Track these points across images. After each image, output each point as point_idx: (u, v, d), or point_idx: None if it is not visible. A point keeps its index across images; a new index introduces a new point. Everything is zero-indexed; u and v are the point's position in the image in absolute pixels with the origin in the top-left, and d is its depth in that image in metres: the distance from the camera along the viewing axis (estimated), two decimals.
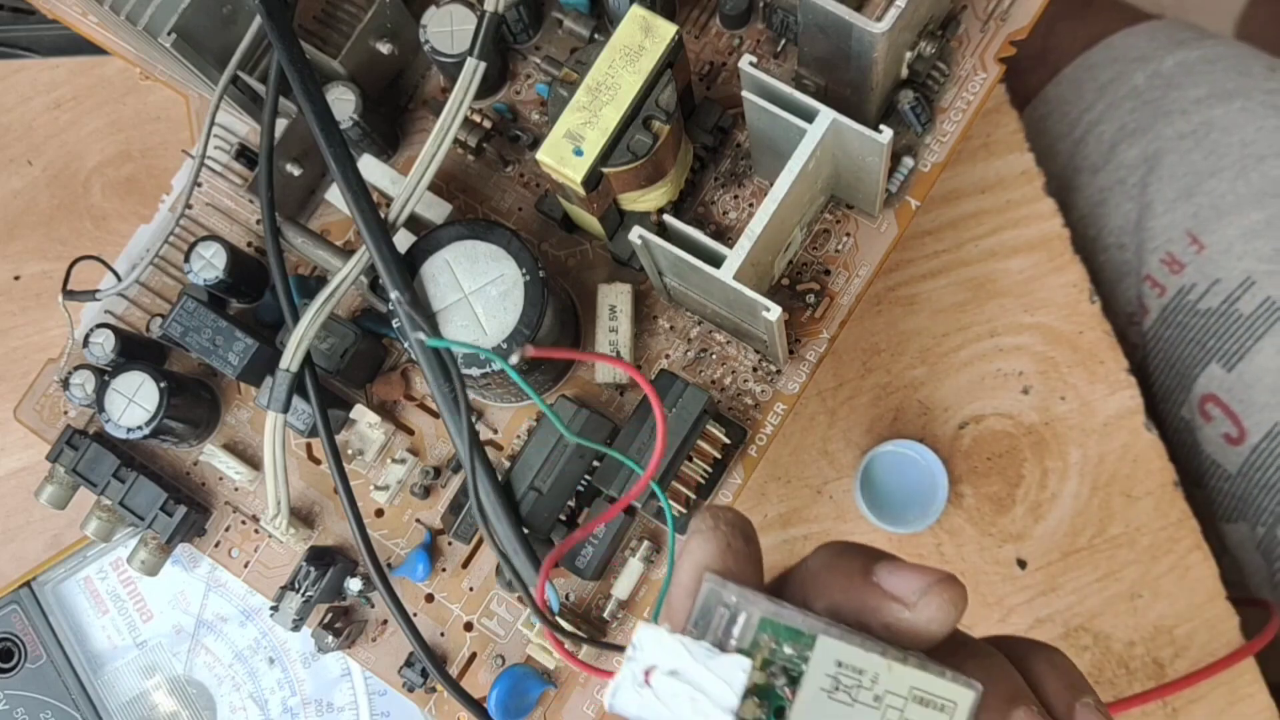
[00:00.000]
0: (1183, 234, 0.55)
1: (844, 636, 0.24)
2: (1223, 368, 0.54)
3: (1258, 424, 0.53)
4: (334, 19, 0.38)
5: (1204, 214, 0.55)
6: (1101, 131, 0.59)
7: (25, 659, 0.43)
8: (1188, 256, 0.55)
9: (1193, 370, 0.55)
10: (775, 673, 0.23)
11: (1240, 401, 0.54)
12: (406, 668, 0.39)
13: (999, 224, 0.51)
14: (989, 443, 0.50)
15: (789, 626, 0.24)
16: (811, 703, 0.23)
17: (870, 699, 0.24)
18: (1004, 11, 0.39)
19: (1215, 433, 0.55)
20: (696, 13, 0.40)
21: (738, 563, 0.25)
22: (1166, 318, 0.56)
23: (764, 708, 0.23)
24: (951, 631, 0.25)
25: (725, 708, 0.23)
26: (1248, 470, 0.54)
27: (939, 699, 0.24)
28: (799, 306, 0.38)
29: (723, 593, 0.24)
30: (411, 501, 0.40)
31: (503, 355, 0.34)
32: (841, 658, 0.24)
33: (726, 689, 0.23)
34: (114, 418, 0.38)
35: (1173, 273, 0.55)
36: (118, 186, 0.52)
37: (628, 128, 0.34)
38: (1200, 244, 0.55)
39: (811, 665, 0.23)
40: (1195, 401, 0.55)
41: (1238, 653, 0.48)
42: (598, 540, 0.37)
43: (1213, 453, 0.55)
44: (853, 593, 0.25)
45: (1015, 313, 0.50)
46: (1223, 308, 0.54)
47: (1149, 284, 0.56)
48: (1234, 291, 0.54)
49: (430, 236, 0.35)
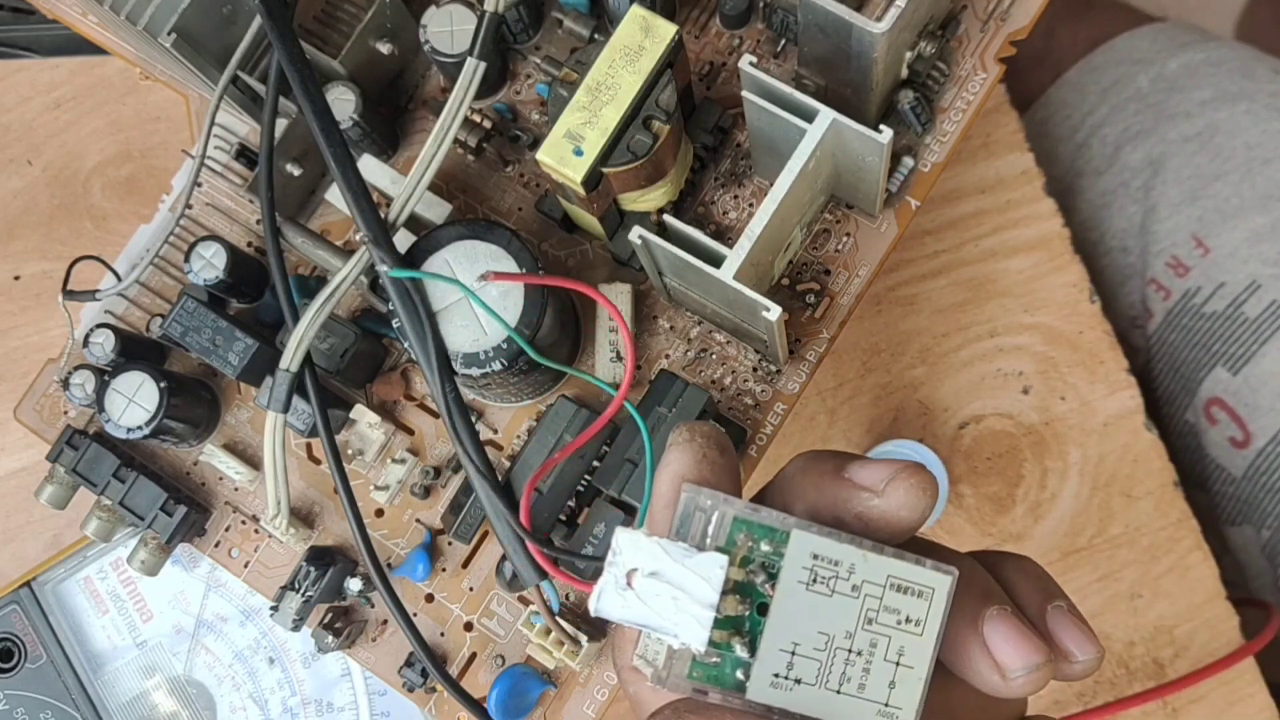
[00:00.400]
0: (1188, 237, 0.55)
1: (818, 530, 0.24)
2: (1228, 371, 0.54)
3: (1263, 428, 0.53)
4: (334, 19, 0.38)
5: (1209, 217, 0.55)
6: (1105, 134, 0.59)
7: (25, 659, 0.43)
8: (1193, 260, 0.55)
9: (1198, 374, 0.55)
10: (754, 570, 0.24)
11: (1246, 405, 0.54)
12: (406, 668, 0.39)
13: (999, 224, 0.51)
14: (989, 443, 0.50)
15: (763, 524, 0.24)
16: (791, 595, 0.24)
17: (848, 589, 0.25)
18: (1004, 11, 0.39)
19: (1220, 436, 0.55)
20: (696, 13, 0.40)
21: (714, 473, 0.26)
22: (1171, 321, 0.56)
23: (746, 604, 0.24)
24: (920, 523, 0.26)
25: (706, 604, 0.23)
26: (1253, 474, 0.54)
27: (916, 585, 0.25)
28: (799, 306, 0.38)
29: (699, 498, 0.24)
30: (411, 501, 0.40)
31: (474, 289, 0.34)
32: (817, 550, 0.24)
33: (706, 586, 0.23)
34: (114, 418, 0.38)
35: (1178, 276, 0.55)
36: (118, 186, 0.52)
37: (628, 128, 0.34)
38: (1205, 247, 0.55)
39: (788, 560, 0.24)
40: (1200, 405, 0.55)
41: (1238, 653, 0.48)
42: (598, 540, 0.37)
43: (1218, 456, 0.55)
44: (825, 490, 0.26)
45: (1015, 313, 0.50)
46: (1228, 311, 0.54)
47: (1153, 287, 0.56)
48: (1240, 295, 0.54)
49: (430, 236, 0.35)
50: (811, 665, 0.24)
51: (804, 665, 0.24)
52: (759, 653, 0.24)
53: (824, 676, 0.24)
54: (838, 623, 0.24)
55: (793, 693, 0.24)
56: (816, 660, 0.24)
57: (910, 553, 0.25)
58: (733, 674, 0.24)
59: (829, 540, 0.24)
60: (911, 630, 0.25)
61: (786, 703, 0.24)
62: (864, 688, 0.25)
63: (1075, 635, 0.27)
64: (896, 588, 0.25)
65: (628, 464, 0.36)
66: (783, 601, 0.24)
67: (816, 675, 0.24)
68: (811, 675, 0.24)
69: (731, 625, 0.24)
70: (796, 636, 0.24)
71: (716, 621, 0.23)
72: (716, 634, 0.23)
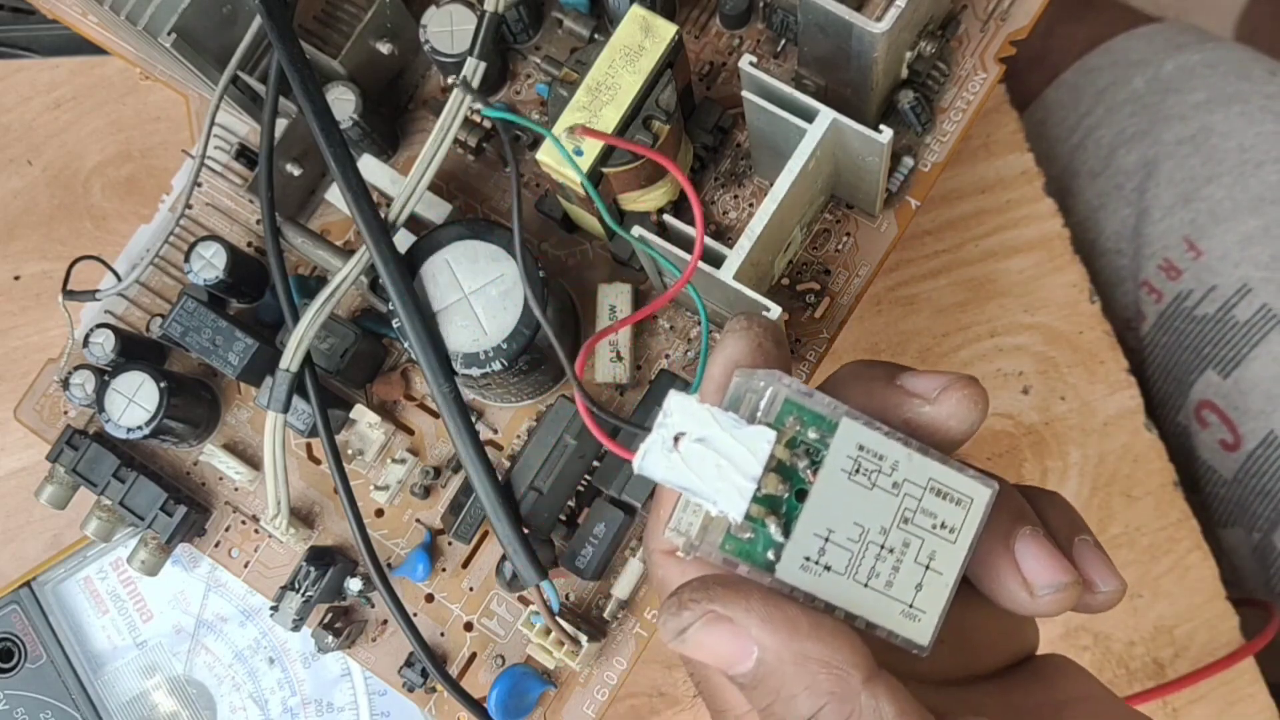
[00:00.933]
0: (1180, 240, 0.55)
1: (867, 422, 0.24)
2: (1219, 374, 0.54)
3: (1253, 431, 0.53)
4: (334, 19, 0.38)
5: (1201, 220, 0.55)
6: (1100, 136, 0.59)
7: (25, 659, 0.43)
8: (1185, 263, 0.55)
9: (1189, 376, 0.55)
10: (799, 454, 0.24)
11: (1236, 408, 0.54)
12: (406, 668, 0.39)
13: (999, 224, 0.51)
14: (989, 442, 0.50)
15: (814, 410, 0.24)
16: (831, 482, 0.24)
17: (889, 485, 0.24)
18: (1004, 11, 0.39)
19: (1211, 439, 0.55)
20: (696, 13, 0.40)
21: (767, 362, 0.26)
22: (1163, 324, 0.56)
23: (786, 486, 0.24)
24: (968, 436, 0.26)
25: (749, 476, 0.23)
26: (1243, 476, 0.54)
27: (956, 493, 0.25)
28: (799, 306, 0.38)
29: (752, 380, 0.24)
30: (411, 501, 0.40)
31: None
32: (863, 441, 0.24)
33: (751, 458, 0.23)
34: (114, 418, 0.38)
35: (1170, 279, 0.56)
36: (118, 186, 0.52)
37: (628, 128, 0.34)
38: (1198, 250, 0.55)
39: (833, 447, 0.24)
40: (1191, 408, 0.55)
41: (1238, 653, 0.48)
42: (598, 540, 0.37)
43: (1209, 458, 0.55)
44: (876, 394, 0.26)
45: (1015, 313, 0.50)
46: (1219, 314, 0.54)
47: (1146, 290, 0.56)
48: (1231, 298, 0.54)
49: (430, 236, 0.35)
50: (842, 555, 0.24)
51: (835, 554, 0.24)
52: (793, 535, 0.24)
53: (853, 568, 0.24)
54: (874, 517, 0.24)
55: (820, 579, 0.24)
56: (848, 551, 0.24)
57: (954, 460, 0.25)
58: (764, 553, 0.24)
59: (877, 434, 0.24)
60: (945, 536, 0.25)
61: (813, 588, 0.24)
62: (891, 585, 0.25)
63: (1100, 567, 0.27)
64: (937, 492, 0.25)
65: (629, 464, 0.36)
66: (823, 488, 0.24)
67: (846, 566, 0.24)
68: (841, 565, 0.24)
69: (769, 504, 0.24)
70: (831, 524, 0.24)
71: (756, 497, 0.23)
72: (754, 508, 0.23)
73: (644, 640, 0.38)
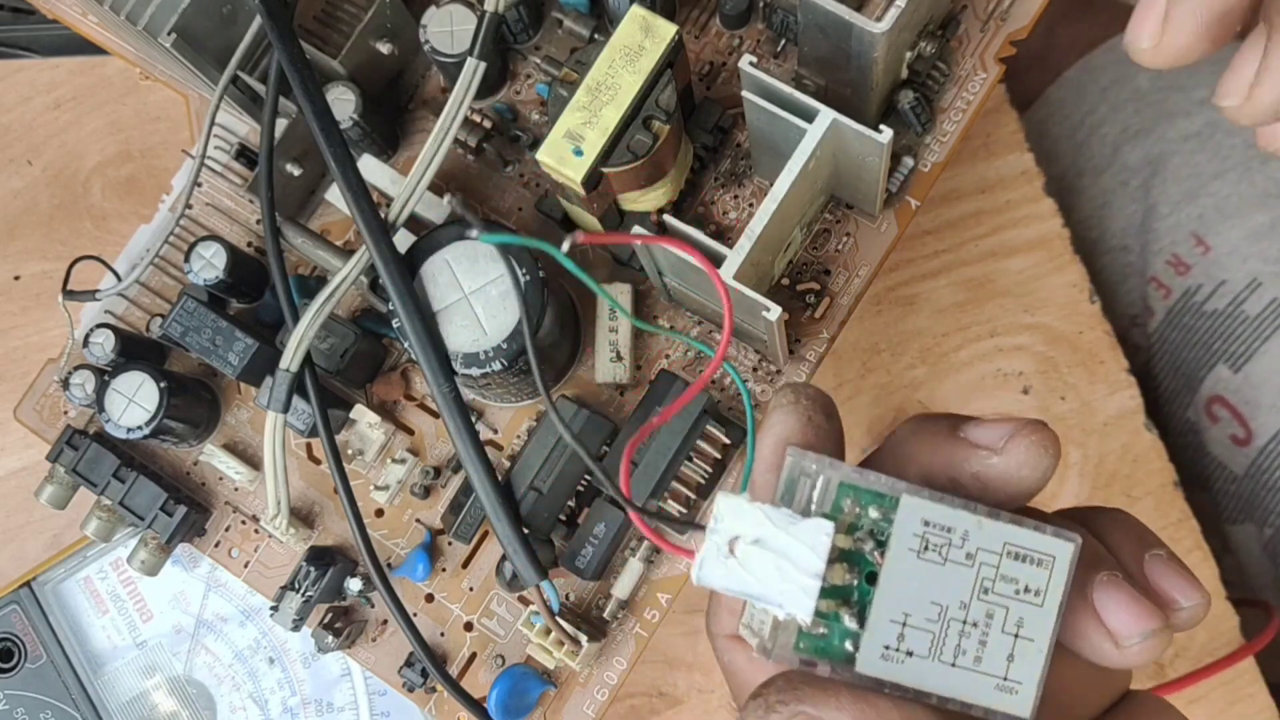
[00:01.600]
0: (1188, 235, 0.55)
1: (929, 495, 0.23)
2: (1230, 369, 0.54)
3: (1265, 425, 0.53)
4: (334, 19, 0.38)
5: (1209, 215, 0.55)
6: (1104, 133, 0.59)
7: (25, 659, 0.43)
8: (1193, 258, 0.55)
9: (1199, 372, 0.55)
10: (862, 538, 0.23)
11: (1247, 403, 0.54)
12: (406, 668, 0.39)
13: (999, 224, 0.51)
14: None
15: (871, 490, 0.23)
16: (901, 563, 0.23)
17: (962, 557, 0.23)
18: (1004, 11, 0.39)
19: (1222, 434, 0.54)
20: (696, 13, 0.40)
21: (819, 438, 0.25)
22: (1172, 319, 0.56)
23: (854, 573, 0.23)
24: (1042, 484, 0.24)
25: (812, 573, 0.22)
26: (1255, 472, 0.54)
27: (1036, 553, 0.24)
28: (799, 306, 0.38)
29: (803, 461, 0.23)
30: (411, 501, 0.40)
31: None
32: (928, 516, 0.23)
33: (811, 554, 0.22)
34: (114, 418, 0.38)
35: (1178, 274, 0.55)
36: (118, 186, 0.52)
37: (628, 128, 0.34)
38: (1206, 245, 0.55)
39: (897, 526, 0.23)
40: (1201, 403, 0.55)
41: (1238, 653, 0.48)
42: (598, 540, 0.37)
43: (1219, 454, 0.55)
44: (940, 451, 0.25)
45: (1015, 313, 0.50)
46: (1229, 309, 0.54)
47: (1154, 285, 0.56)
48: (1240, 293, 0.54)
49: (430, 236, 0.35)
50: (924, 637, 0.23)
51: (916, 637, 0.23)
52: (868, 624, 0.23)
53: (937, 649, 0.23)
54: (951, 593, 0.23)
55: (904, 665, 0.23)
56: (929, 632, 0.23)
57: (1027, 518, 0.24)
58: (841, 645, 0.23)
59: (941, 506, 0.23)
60: (1031, 600, 0.24)
61: (898, 676, 0.23)
62: (980, 661, 0.23)
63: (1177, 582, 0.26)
64: (1014, 555, 0.24)
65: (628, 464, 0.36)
66: (893, 570, 0.23)
67: (930, 647, 0.23)
68: (924, 647, 0.23)
69: (839, 594, 0.23)
70: (908, 607, 0.23)
71: (823, 591, 0.22)
72: (823, 604, 0.22)
73: (644, 640, 0.38)
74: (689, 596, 0.48)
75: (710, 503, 0.38)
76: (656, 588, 0.38)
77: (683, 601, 0.42)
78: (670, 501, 0.37)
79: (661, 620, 0.38)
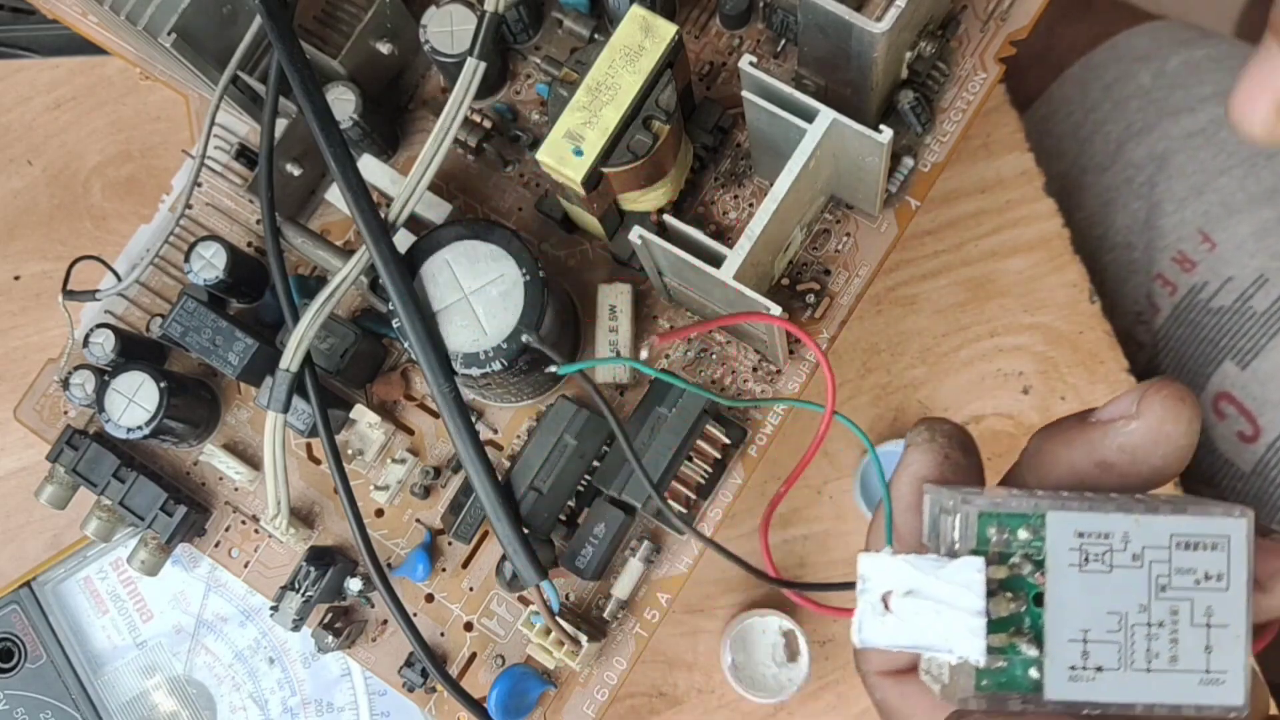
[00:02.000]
0: (1194, 232, 0.55)
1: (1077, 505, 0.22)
2: (1237, 365, 0.54)
3: (1272, 422, 0.53)
4: (334, 19, 0.38)
5: (1215, 212, 0.55)
6: (1108, 131, 0.59)
7: (25, 659, 0.43)
8: (1199, 254, 0.55)
9: (1206, 368, 0.55)
10: (1018, 563, 0.22)
11: (1255, 399, 0.53)
12: (406, 668, 0.39)
13: (999, 224, 0.51)
14: (989, 443, 0.50)
15: (1013, 513, 0.22)
16: (1065, 581, 0.22)
17: (1128, 560, 0.22)
18: (1004, 11, 0.39)
19: (1229, 431, 0.54)
20: (696, 13, 0.40)
21: (957, 474, 0.24)
22: (1178, 316, 0.56)
23: (1019, 599, 0.22)
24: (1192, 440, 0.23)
25: (974, 611, 0.22)
26: (1262, 469, 0.53)
27: (1206, 538, 0.23)
28: (799, 306, 0.38)
29: (941, 499, 0.23)
30: (411, 501, 0.40)
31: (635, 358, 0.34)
32: (1081, 527, 0.22)
33: (968, 594, 0.22)
34: (114, 418, 0.38)
35: (1184, 271, 0.55)
36: (118, 186, 0.52)
37: (628, 128, 0.34)
38: (1212, 242, 0.54)
39: (1051, 544, 0.22)
40: (1208, 400, 0.55)
41: None
42: (598, 540, 0.37)
43: (1226, 451, 0.55)
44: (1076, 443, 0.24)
45: (1015, 313, 0.50)
46: (1236, 305, 0.54)
47: (1159, 282, 0.56)
48: (1247, 289, 0.54)
49: (430, 236, 0.35)
50: (1109, 649, 0.22)
51: (1101, 651, 0.22)
52: (1047, 648, 0.22)
53: (1128, 658, 0.22)
54: (1127, 598, 0.22)
55: (1096, 682, 0.22)
56: (1113, 643, 0.22)
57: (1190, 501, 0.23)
58: (1025, 675, 0.22)
59: (1092, 514, 0.22)
60: (1214, 586, 0.23)
61: (1093, 694, 0.22)
62: (1176, 659, 0.22)
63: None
64: (1184, 545, 0.23)
65: (628, 464, 0.36)
66: (1058, 589, 0.22)
67: (1119, 658, 0.22)
68: (1113, 660, 0.22)
69: (1010, 624, 0.22)
70: (1084, 622, 0.22)
71: (991, 625, 0.22)
72: (995, 638, 0.22)
73: (644, 640, 0.38)
74: (689, 597, 0.48)
75: (711, 502, 0.38)
76: (656, 588, 0.38)
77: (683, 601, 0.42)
78: (670, 501, 0.37)
79: (661, 620, 0.38)
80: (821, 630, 0.48)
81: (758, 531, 0.31)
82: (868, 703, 0.48)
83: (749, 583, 0.49)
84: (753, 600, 0.49)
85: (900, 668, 0.27)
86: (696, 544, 0.38)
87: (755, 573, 0.28)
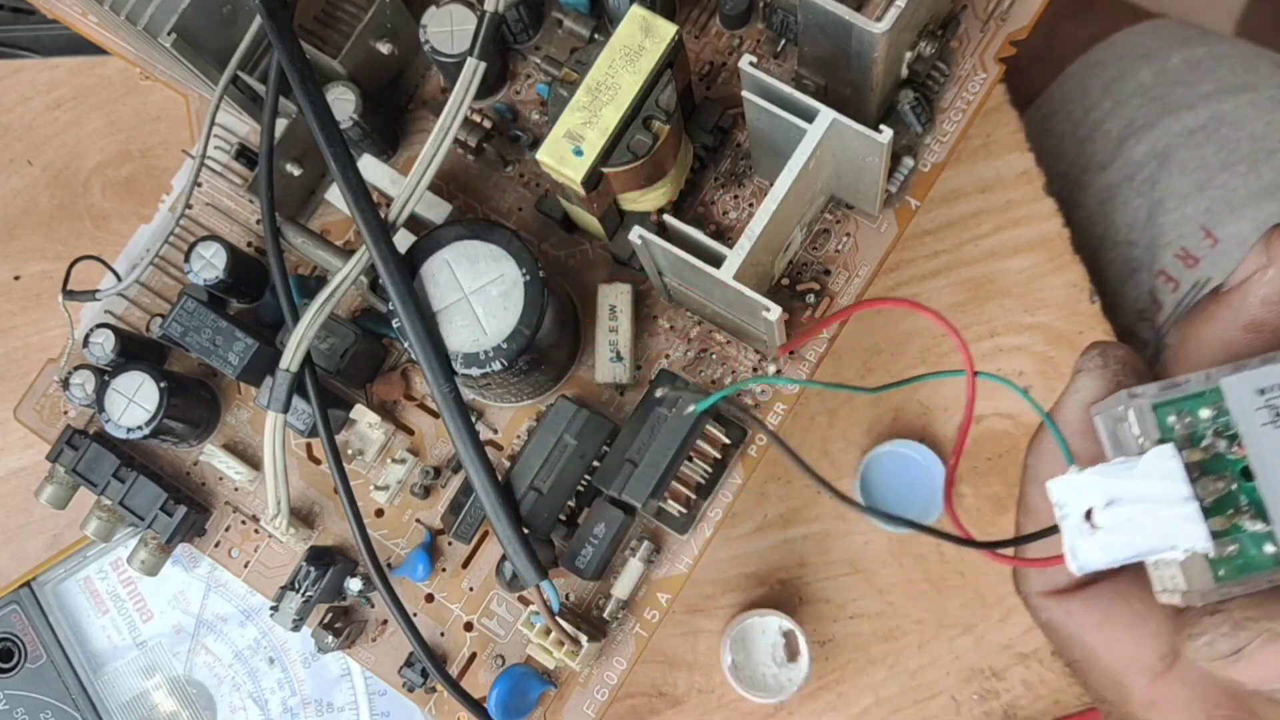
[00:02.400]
0: (1196, 228, 0.55)
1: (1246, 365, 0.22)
2: None
3: None
4: (334, 19, 0.38)
5: (1217, 208, 0.55)
6: (1109, 129, 0.59)
7: (25, 659, 0.43)
8: (1202, 251, 0.55)
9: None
10: (1211, 442, 0.22)
11: None
12: (406, 668, 0.39)
13: (999, 224, 0.51)
14: (989, 443, 0.50)
15: (1187, 394, 0.22)
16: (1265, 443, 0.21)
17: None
18: (1004, 11, 0.39)
19: None
20: (696, 13, 0.40)
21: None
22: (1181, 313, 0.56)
23: (1224, 479, 0.22)
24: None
25: (1182, 498, 0.21)
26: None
27: None
28: (799, 306, 0.38)
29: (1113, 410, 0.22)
30: (411, 501, 0.40)
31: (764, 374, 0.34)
32: (1259, 384, 0.22)
33: (1170, 481, 0.21)
34: (114, 418, 0.38)
35: (1187, 267, 0.55)
36: (118, 186, 0.52)
37: (628, 128, 0.34)
38: (1214, 238, 0.54)
39: (1236, 411, 0.22)
40: None
41: None
42: (598, 540, 0.37)
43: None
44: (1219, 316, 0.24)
45: (1015, 313, 0.50)
46: None
47: (1162, 279, 0.56)
48: None
49: (430, 236, 0.35)
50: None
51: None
52: (1272, 516, 0.21)
53: None
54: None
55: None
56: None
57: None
58: (1260, 552, 0.21)
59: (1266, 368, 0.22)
60: None
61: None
62: None
63: None
64: None
65: (628, 464, 0.36)
66: (1262, 454, 0.21)
67: None
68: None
69: (1226, 505, 0.21)
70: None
71: (1206, 511, 0.21)
72: (1214, 522, 0.21)
73: (644, 640, 0.38)
74: (689, 597, 0.48)
75: (711, 502, 0.38)
76: (656, 588, 0.38)
77: (683, 601, 0.42)
78: (670, 501, 0.37)
79: (661, 620, 0.38)
80: (821, 630, 0.48)
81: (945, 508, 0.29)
82: (868, 703, 0.48)
83: (749, 583, 0.49)
84: (753, 600, 0.49)
85: (1061, 586, 0.26)
86: (697, 544, 0.38)
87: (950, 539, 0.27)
